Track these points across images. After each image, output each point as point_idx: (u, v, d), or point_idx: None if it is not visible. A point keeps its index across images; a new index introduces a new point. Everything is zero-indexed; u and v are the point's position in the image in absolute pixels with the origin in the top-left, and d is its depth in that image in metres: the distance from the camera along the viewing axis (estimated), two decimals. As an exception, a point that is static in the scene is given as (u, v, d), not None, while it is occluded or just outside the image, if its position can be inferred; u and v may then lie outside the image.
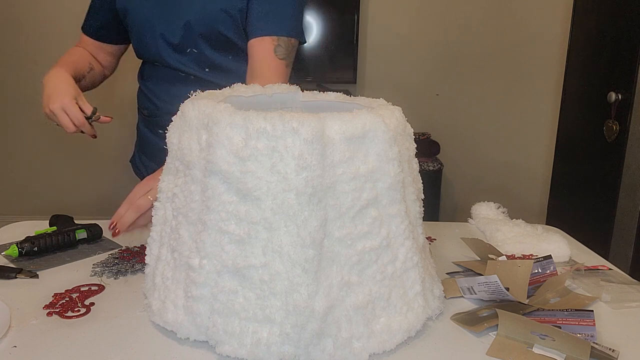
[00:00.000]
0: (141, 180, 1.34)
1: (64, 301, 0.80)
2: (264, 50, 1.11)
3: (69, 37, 2.87)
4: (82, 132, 1.09)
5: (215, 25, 1.15)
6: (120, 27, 1.26)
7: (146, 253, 0.80)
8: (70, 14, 2.82)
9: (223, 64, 1.19)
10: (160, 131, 1.25)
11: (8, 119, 3.03)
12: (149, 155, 1.31)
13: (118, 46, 1.33)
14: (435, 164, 2.90)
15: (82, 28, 1.30)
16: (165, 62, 1.20)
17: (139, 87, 1.32)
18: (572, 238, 1.16)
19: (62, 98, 1.04)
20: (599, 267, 0.99)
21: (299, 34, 1.16)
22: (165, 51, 1.19)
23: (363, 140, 0.68)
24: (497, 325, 0.73)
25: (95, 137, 1.10)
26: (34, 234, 0.98)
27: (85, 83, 1.23)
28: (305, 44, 1.44)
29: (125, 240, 1.04)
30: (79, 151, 3.07)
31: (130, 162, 1.40)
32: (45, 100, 1.06)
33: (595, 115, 1.93)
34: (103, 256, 0.98)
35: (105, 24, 1.27)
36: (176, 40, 1.17)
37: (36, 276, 0.88)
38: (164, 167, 0.79)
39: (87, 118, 1.06)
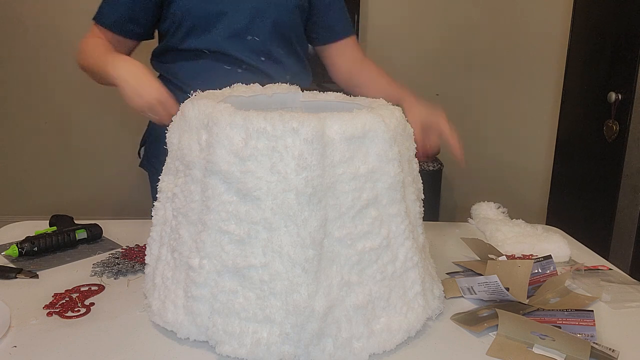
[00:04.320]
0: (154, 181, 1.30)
1: (64, 301, 0.80)
2: (359, 47, 1.33)
3: (69, 36, 2.87)
4: None
5: (286, 18, 1.18)
6: (148, 19, 1.16)
7: (146, 253, 0.80)
8: (71, 13, 2.82)
9: (277, 55, 1.20)
10: None
11: (8, 118, 3.03)
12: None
13: (138, 42, 1.21)
14: (435, 164, 2.90)
15: (99, 19, 1.15)
16: (223, 49, 1.16)
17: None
18: (572, 238, 1.16)
19: (158, 90, 0.97)
20: (599, 267, 0.99)
21: None
22: (222, 37, 1.14)
23: (363, 140, 0.68)
24: (497, 325, 0.73)
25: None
26: (34, 234, 0.98)
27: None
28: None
29: (126, 240, 1.05)
30: (79, 151, 3.07)
31: (140, 166, 1.33)
32: (133, 93, 0.98)
33: (595, 115, 1.93)
34: (103, 256, 0.98)
35: (131, 15, 1.15)
36: (238, 27, 1.14)
37: (36, 276, 0.88)
38: (164, 167, 0.78)
39: None
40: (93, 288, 0.85)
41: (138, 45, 1.24)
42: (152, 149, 1.30)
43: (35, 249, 0.95)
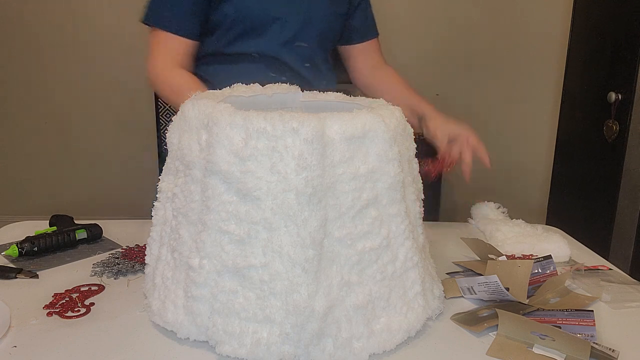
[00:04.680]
0: None
1: (64, 301, 0.80)
2: (381, 52, 1.37)
3: (70, 36, 2.88)
4: None
5: (331, 25, 1.21)
6: (202, 17, 1.12)
7: (146, 253, 0.80)
8: (72, 13, 2.82)
9: (318, 62, 1.22)
10: None
11: (8, 118, 3.03)
12: None
13: (196, 43, 1.15)
14: (435, 164, 2.90)
15: (160, 23, 1.09)
16: (276, 55, 1.15)
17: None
18: (572, 238, 1.16)
19: None
20: (599, 267, 0.99)
21: None
22: (277, 42, 1.14)
23: (363, 140, 0.68)
24: (497, 325, 0.73)
25: None
26: (34, 234, 0.98)
27: None
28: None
29: (126, 240, 1.05)
30: (79, 151, 3.07)
31: None
32: None
33: (595, 115, 1.93)
34: (103, 256, 0.98)
35: (190, 14, 1.10)
36: (291, 33, 1.15)
37: (36, 276, 0.88)
38: (164, 167, 0.78)
39: None
40: (93, 288, 0.85)
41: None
42: None
43: (35, 249, 0.95)
